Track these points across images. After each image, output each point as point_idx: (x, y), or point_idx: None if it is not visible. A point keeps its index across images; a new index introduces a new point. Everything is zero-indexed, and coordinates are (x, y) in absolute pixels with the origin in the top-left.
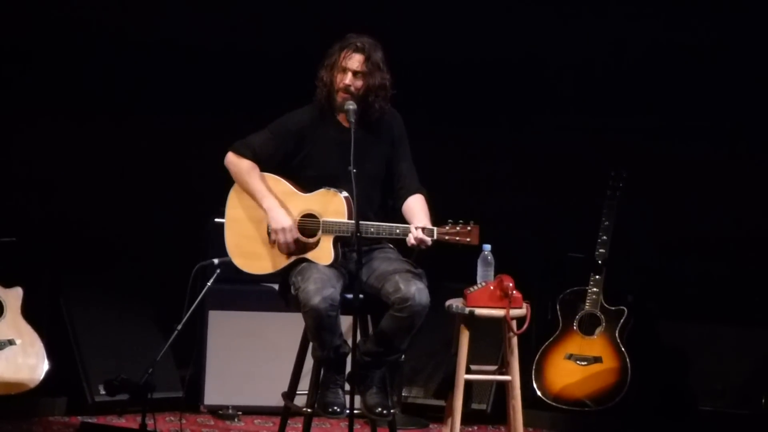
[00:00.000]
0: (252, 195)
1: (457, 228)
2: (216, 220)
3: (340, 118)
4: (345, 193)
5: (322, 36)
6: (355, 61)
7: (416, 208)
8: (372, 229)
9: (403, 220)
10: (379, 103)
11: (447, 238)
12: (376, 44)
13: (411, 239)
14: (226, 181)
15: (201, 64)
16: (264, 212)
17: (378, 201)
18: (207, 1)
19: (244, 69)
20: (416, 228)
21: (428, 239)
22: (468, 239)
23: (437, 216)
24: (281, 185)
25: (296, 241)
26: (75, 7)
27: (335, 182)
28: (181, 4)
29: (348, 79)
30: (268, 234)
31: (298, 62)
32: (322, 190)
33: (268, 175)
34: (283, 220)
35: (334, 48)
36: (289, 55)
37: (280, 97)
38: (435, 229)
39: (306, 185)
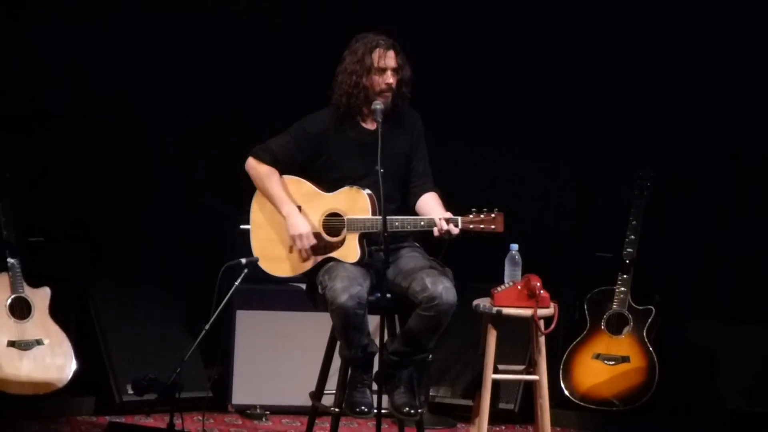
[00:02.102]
0: (271, 201)
1: (482, 216)
2: (242, 227)
3: (361, 119)
4: (368, 190)
5: (342, 38)
6: (391, 58)
7: (432, 203)
8: (396, 223)
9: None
10: (408, 93)
11: (472, 226)
12: (391, 38)
13: (436, 231)
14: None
15: (231, 67)
16: (283, 218)
17: (399, 199)
18: (245, 5)
19: (273, 72)
20: (440, 219)
21: (455, 229)
22: (493, 227)
23: (462, 212)
24: (304, 186)
25: (317, 242)
26: (98, 10)
27: (359, 183)
28: (211, 8)
29: (390, 78)
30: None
31: (322, 66)
32: (345, 189)
33: (290, 177)
34: (301, 226)
35: (356, 53)
36: (315, 58)
37: (306, 101)
38: (459, 218)
39: (329, 187)
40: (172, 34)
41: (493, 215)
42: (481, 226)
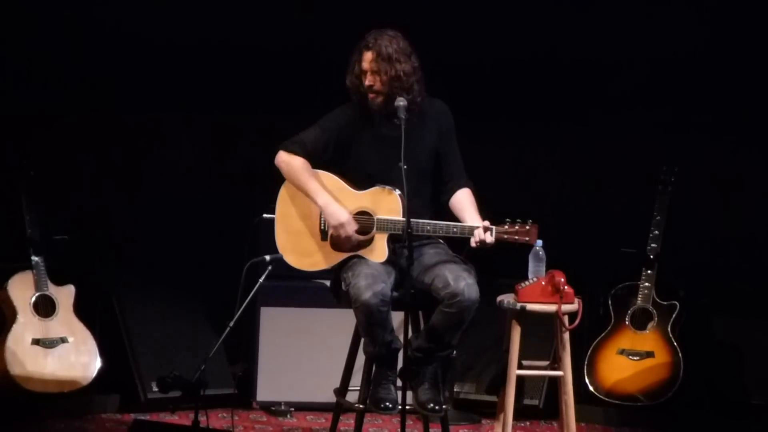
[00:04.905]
0: (306, 193)
1: (516, 227)
2: (265, 216)
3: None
4: (399, 191)
5: (363, 33)
6: (366, 60)
7: (465, 203)
8: (428, 228)
9: (449, 213)
10: (411, 93)
11: (506, 237)
12: (389, 36)
13: (473, 242)
14: (276, 177)
15: (253, 61)
16: (319, 209)
17: (428, 194)
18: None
19: (296, 67)
20: (477, 228)
21: (490, 238)
22: (527, 238)
23: (489, 212)
24: (334, 182)
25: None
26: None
27: (385, 179)
28: (234, 5)
29: (368, 79)
30: (320, 231)
31: (345, 59)
32: (376, 188)
33: (321, 172)
34: (340, 215)
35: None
36: (338, 52)
37: (331, 94)
38: (494, 228)
39: (356, 182)
40: (184, 31)
41: (527, 227)
42: (516, 237)
